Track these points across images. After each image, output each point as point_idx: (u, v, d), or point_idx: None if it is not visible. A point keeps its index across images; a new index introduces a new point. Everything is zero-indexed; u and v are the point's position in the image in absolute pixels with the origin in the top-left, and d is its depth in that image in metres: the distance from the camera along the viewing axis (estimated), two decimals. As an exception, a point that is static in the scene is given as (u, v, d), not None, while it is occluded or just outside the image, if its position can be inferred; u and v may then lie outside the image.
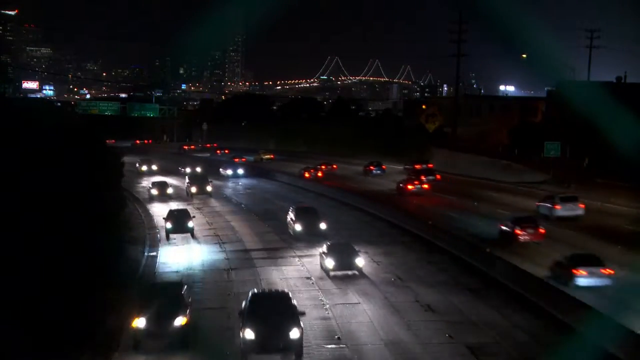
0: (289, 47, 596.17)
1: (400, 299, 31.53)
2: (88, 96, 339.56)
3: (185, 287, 28.69)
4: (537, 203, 52.91)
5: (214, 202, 64.98)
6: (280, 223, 50.84)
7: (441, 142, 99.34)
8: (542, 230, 41.97)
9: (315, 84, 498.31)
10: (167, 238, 47.45)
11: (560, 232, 43.87)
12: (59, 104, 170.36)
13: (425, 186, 67.54)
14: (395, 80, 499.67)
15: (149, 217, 56.99)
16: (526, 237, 41.31)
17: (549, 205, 50.92)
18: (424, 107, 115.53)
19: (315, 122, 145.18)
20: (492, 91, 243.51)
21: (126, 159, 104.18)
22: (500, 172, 76.14)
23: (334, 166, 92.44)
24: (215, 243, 46.41)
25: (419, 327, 27.65)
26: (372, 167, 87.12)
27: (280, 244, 45.67)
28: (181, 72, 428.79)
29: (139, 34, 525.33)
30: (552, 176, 70.32)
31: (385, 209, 53.88)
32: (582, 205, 50.32)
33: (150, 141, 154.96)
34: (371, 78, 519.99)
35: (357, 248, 37.96)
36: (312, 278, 36.20)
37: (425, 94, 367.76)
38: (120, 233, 44.33)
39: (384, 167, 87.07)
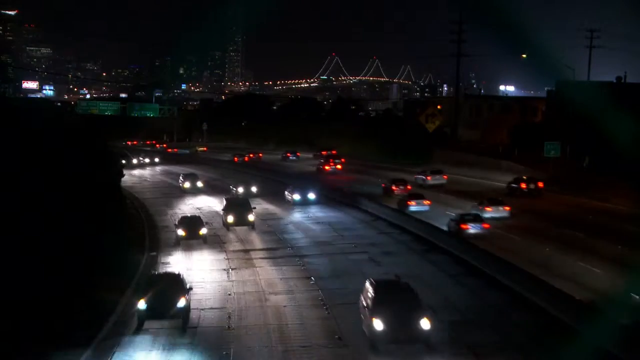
0: (289, 47, 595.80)
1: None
2: (88, 96, 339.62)
3: None
4: (414, 175, 73.62)
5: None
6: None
7: (441, 142, 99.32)
8: (409, 187, 64.91)
9: (315, 84, 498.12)
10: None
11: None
12: (59, 104, 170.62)
13: (339, 167, 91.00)
14: (395, 80, 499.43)
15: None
16: (398, 191, 63.63)
17: (422, 176, 72.49)
18: (425, 108, 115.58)
19: (315, 122, 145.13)
20: (492, 91, 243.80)
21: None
22: (501, 172, 76.13)
23: (260, 154, 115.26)
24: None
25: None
26: (288, 154, 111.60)
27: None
28: (181, 72, 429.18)
29: (139, 34, 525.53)
30: (552, 176, 70.20)
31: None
32: (445, 177, 72.60)
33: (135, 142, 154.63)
34: (371, 78, 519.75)
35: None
36: None
37: (425, 94, 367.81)
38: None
39: (298, 154, 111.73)
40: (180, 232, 45.11)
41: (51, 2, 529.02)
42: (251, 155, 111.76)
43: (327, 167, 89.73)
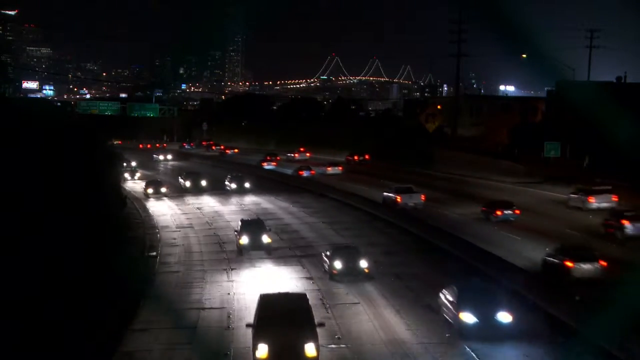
0: (289, 47, 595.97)
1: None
2: (88, 96, 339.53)
3: None
4: (286, 154, 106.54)
5: None
6: None
7: (441, 142, 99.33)
8: (278, 158, 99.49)
9: (315, 84, 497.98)
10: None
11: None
12: (59, 104, 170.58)
13: (236, 150, 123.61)
14: (395, 80, 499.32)
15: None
16: (269, 160, 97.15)
17: (291, 155, 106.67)
18: (425, 108, 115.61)
19: (315, 122, 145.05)
20: (492, 91, 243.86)
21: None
22: (501, 172, 76.18)
23: (165, 145, 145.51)
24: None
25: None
26: (184, 144, 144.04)
27: None
28: (181, 72, 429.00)
29: (139, 34, 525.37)
30: (553, 176, 70.22)
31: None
32: (308, 154, 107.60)
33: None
34: (371, 78, 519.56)
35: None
36: None
37: (425, 94, 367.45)
38: None
39: (192, 144, 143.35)
40: None
41: (51, 2, 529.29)
42: (157, 145, 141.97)
43: (227, 151, 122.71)
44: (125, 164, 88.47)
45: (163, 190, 70.67)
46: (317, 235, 48.23)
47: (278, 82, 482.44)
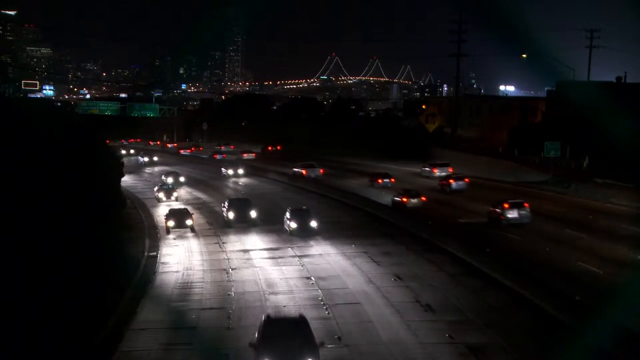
0: (289, 47, 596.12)
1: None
2: (88, 96, 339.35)
3: None
4: (214, 146, 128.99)
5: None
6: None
7: (441, 142, 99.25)
8: (201, 148, 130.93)
9: (315, 84, 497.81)
10: None
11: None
12: (59, 104, 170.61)
13: (175, 144, 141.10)
14: (395, 80, 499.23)
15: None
16: (187, 151, 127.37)
17: (218, 147, 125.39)
18: (424, 107, 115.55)
19: (315, 122, 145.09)
20: (492, 91, 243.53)
21: None
22: (501, 172, 76.14)
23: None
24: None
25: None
26: (122, 140, 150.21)
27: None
28: (181, 72, 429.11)
29: (139, 34, 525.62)
30: (552, 176, 70.21)
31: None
32: (232, 147, 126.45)
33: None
34: (371, 78, 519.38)
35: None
36: None
37: (425, 94, 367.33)
38: None
39: (151, 142, 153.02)
40: None
41: (51, 2, 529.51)
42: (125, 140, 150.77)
43: (167, 145, 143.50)
44: (171, 179, 76.66)
45: (188, 223, 50.77)
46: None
47: (278, 82, 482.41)
